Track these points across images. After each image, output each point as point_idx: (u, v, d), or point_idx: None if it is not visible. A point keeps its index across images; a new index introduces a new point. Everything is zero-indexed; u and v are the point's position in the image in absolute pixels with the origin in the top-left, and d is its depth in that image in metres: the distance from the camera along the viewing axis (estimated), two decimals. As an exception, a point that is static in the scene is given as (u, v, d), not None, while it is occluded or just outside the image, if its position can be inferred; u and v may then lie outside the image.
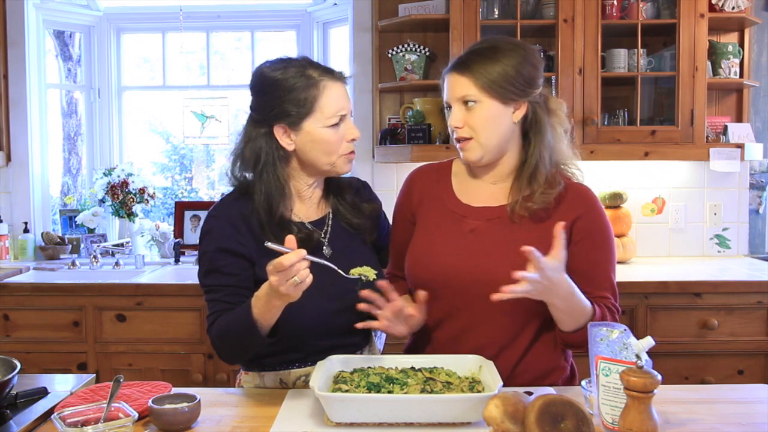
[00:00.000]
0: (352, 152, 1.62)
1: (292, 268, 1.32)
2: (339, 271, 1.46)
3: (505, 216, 1.63)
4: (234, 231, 1.58)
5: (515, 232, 1.61)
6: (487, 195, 1.67)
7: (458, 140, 1.62)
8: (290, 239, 1.36)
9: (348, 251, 1.67)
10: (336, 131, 1.57)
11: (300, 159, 1.62)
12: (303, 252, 1.33)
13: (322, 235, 1.66)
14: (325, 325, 1.60)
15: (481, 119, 1.58)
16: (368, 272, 1.51)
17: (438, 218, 1.69)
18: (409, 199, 1.76)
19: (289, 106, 1.56)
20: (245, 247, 1.57)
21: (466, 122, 1.59)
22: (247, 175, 1.64)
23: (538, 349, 1.63)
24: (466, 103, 1.59)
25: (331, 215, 1.70)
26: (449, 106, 1.63)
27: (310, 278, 1.35)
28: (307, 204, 1.67)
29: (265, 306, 1.41)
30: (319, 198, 1.70)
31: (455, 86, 1.60)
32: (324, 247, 1.65)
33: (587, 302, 1.53)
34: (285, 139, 1.59)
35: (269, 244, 1.36)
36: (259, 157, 1.59)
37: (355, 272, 1.51)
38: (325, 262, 1.44)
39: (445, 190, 1.72)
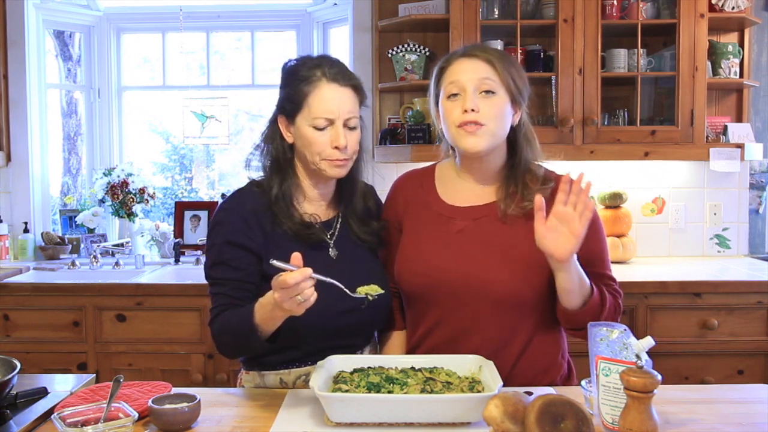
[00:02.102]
0: (339, 159, 1.57)
1: (296, 287, 1.29)
2: (346, 290, 1.44)
3: (493, 214, 1.63)
4: (244, 224, 1.58)
5: (504, 230, 1.61)
6: (472, 195, 1.67)
7: (466, 124, 1.55)
8: (296, 257, 1.33)
9: (355, 257, 1.67)
10: (322, 134, 1.56)
11: (298, 154, 1.64)
12: (309, 271, 1.30)
13: (329, 237, 1.65)
14: (329, 326, 1.59)
15: (497, 109, 1.56)
16: (374, 290, 1.49)
17: (424, 222, 1.68)
18: (394, 207, 1.75)
19: (287, 99, 1.61)
20: (254, 242, 1.57)
21: (480, 109, 1.55)
22: (261, 168, 1.66)
23: (535, 347, 1.63)
24: (483, 91, 1.56)
25: (340, 220, 1.69)
26: (455, 94, 1.58)
27: (314, 297, 1.32)
28: (315, 204, 1.67)
29: (269, 314, 1.40)
30: (329, 201, 1.70)
31: (474, 70, 1.57)
32: (330, 249, 1.65)
33: (587, 279, 1.54)
34: (286, 131, 1.63)
35: (274, 262, 1.32)
36: (270, 147, 1.64)
37: (362, 291, 1.49)
38: (332, 281, 1.41)
39: (429, 193, 1.71)
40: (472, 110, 1.54)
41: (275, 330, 1.45)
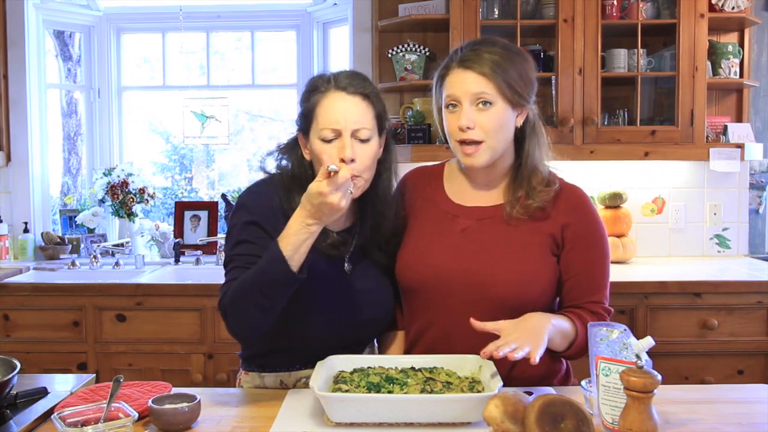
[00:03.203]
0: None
1: (347, 182, 1.37)
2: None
3: (498, 216, 1.62)
4: (270, 211, 1.54)
5: (508, 232, 1.60)
6: (479, 195, 1.67)
7: (464, 142, 1.55)
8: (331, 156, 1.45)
9: (367, 273, 1.65)
10: (330, 147, 1.49)
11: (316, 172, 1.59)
12: (347, 166, 1.42)
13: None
14: (333, 338, 1.60)
15: (495, 122, 1.54)
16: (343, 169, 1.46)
17: (429, 219, 1.68)
18: (401, 202, 1.74)
19: (302, 114, 1.57)
20: (276, 231, 1.46)
21: (477, 124, 1.54)
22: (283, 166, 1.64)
23: None
24: (479, 103, 1.54)
25: (357, 235, 1.65)
26: (453, 105, 1.57)
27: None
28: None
29: (303, 236, 1.38)
30: (347, 212, 1.61)
31: (469, 83, 1.54)
32: (345, 264, 1.63)
33: (565, 322, 1.54)
34: (304, 149, 1.59)
35: (331, 167, 1.36)
36: (290, 160, 1.62)
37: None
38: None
39: (436, 190, 1.71)
40: (468, 128, 1.53)
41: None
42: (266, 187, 1.60)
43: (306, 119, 1.55)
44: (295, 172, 1.60)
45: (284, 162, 1.63)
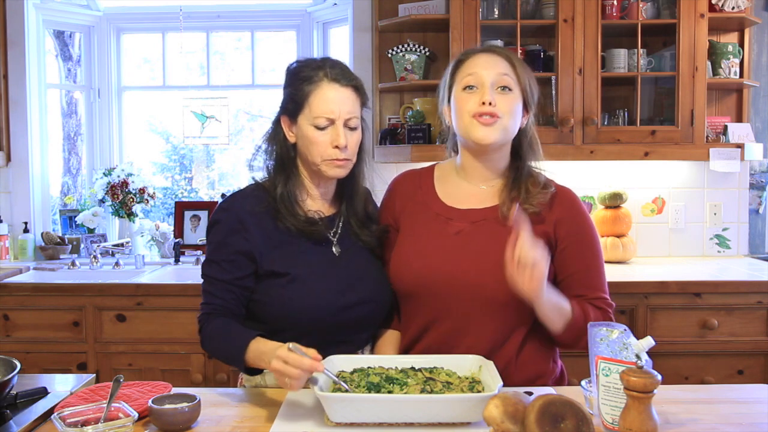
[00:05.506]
0: (339, 159, 1.59)
1: (302, 373, 1.32)
2: (345, 386, 1.41)
3: (492, 218, 1.63)
4: (240, 226, 1.60)
5: (503, 234, 1.59)
6: (473, 197, 1.67)
7: (482, 115, 1.57)
8: (314, 352, 1.36)
9: (357, 255, 1.69)
10: (323, 134, 1.59)
11: (300, 154, 1.66)
12: (322, 367, 1.34)
13: (332, 234, 1.68)
14: (331, 322, 1.60)
15: (512, 106, 1.59)
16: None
17: (422, 222, 1.68)
18: (391, 206, 1.75)
19: (289, 99, 1.64)
20: (248, 243, 1.59)
21: (497, 103, 1.58)
22: (264, 169, 1.69)
23: (527, 353, 1.63)
24: (500, 87, 1.58)
25: (342, 218, 1.71)
26: (472, 86, 1.59)
27: (295, 388, 1.36)
28: (318, 202, 1.70)
29: (257, 361, 1.46)
30: (331, 198, 1.72)
31: (494, 65, 1.59)
32: (333, 246, 1.67)
33: (564, 302, 1.57)
34: (288, 131, 1.66)
35: (291, 345, 1.36)
36: (273, 147, 1.68)
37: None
38: (339, 381, 1.40)
39: (428, 193, 1.71)
40: (489, 103, 1.57)
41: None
42: (235, 201, 1.65)
43: (296, 104, 1.62)
44: (282, 156, 1.66)
45: (272, 151, 1.68)
